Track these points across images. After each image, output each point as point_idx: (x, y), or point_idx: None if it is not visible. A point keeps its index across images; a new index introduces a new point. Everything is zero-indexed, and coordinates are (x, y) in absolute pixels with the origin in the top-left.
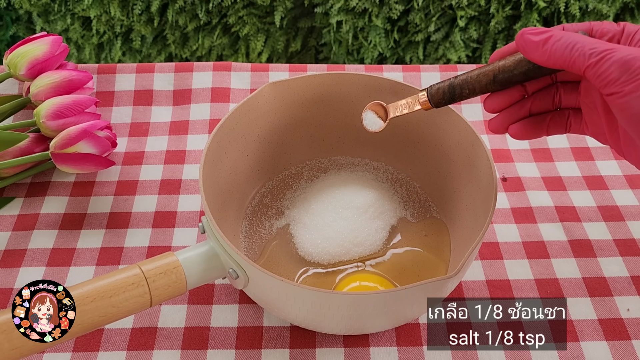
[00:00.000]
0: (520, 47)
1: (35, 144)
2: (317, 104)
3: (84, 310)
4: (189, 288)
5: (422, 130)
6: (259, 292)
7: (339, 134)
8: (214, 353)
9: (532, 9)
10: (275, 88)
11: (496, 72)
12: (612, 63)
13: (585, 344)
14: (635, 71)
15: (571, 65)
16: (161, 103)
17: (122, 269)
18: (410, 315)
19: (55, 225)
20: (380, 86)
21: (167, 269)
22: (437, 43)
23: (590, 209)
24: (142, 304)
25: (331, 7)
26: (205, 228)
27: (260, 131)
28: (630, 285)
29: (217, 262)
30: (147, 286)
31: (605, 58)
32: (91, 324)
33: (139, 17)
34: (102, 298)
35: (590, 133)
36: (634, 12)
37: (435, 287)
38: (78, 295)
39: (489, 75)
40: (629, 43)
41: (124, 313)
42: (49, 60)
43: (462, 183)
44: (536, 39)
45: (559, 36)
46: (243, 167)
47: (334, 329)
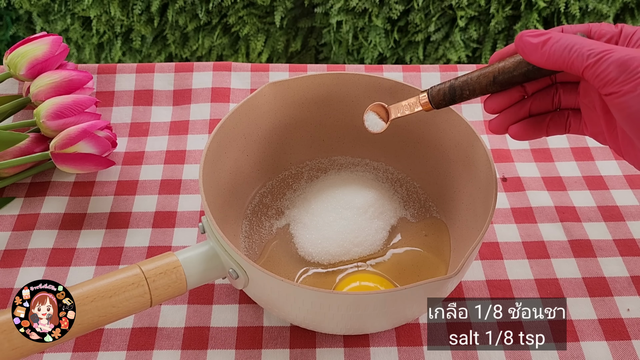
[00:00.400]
0: (519, 49)
1: (35, 144)
2: (317, 104)
3: (84, 310)
4: (189, 288)
5: (422, 130)
6: (259, 292)
7: (339, 134)
8: (214, 353)
9: (532, 9)
10: (275, 88)
11: (496, 74)
12: (610, 63)
13: (585, 344)
14: (633, 71)
15: (570, 66)
16: (161, 103)
17: (122, 269)
18: (410, 315)
19: (55, 225)
20: (381, 86)
21: (167, 269)
22: (437, 43)
23: (590, 209)
24: (142, 304)
25: (331, 7)
26: (205, 228)
27: (260, 131)
28: (630, 285)
29: (217, 262)
30: (147, 286)
31: (603, 59)
32: (91, 324)
33: (139, 17)
34: (102, 298)
35: (589, 133)
36: (634, 12)
37: (435, 287)
38: (78, 295)
39: (488, 76)
40: (626, 44)
41: (124, 313)
42: (49, 60)
43: (462, 183)
44: (535, 41)
45: (557, 38)
46: (243, 167)
47: (334, 329)
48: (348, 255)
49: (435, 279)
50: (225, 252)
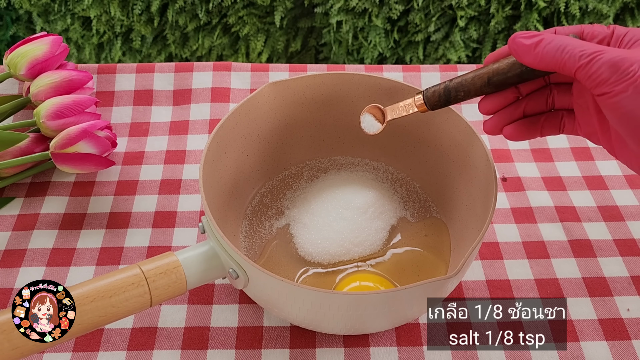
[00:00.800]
0: (513, 51)
1: (35, 144)
2: (317, 104)
3: (84, 310)
4: (189, 288)
5: (422, 130)
6: (259, 292)
7: (339, 134)
8: (214, 353)
9: (532, 9)
10: (275, 88)
11: (490, 75)
12: (601, 64)
13: (585, 344)
14: (624, 71)
15: (562, 67)
16: (161, 103)
17: (122, 269)
18: (411, 315)
19: (55, 225)
20: (380, 86)
21: (167, 269)
22: (437, 43)
23: (590, 209)
24: (142, 304)
25: (331, 7)
26: (205, 228)
27: (260, 131)
28: (630, 285)
29: (217, 262)
30: (147, 286)
31: (595, 59)
32: (91, 324)
33: (139, 17)
34: (102, 298)
35: (583, 133)
36: (634, 12)
37: (435, 287)
38: (78, 295)
39: (483, 77)
40: (618, 45)
41: (124, 313)
42: (49, 60)
43: (462, 183)
44: (528, 43)
45: (549, 39)
46: (243, 167)
47: (334, 329)
48: (348, 255)
49: (435, 279)
50: (225, 252)
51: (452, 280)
